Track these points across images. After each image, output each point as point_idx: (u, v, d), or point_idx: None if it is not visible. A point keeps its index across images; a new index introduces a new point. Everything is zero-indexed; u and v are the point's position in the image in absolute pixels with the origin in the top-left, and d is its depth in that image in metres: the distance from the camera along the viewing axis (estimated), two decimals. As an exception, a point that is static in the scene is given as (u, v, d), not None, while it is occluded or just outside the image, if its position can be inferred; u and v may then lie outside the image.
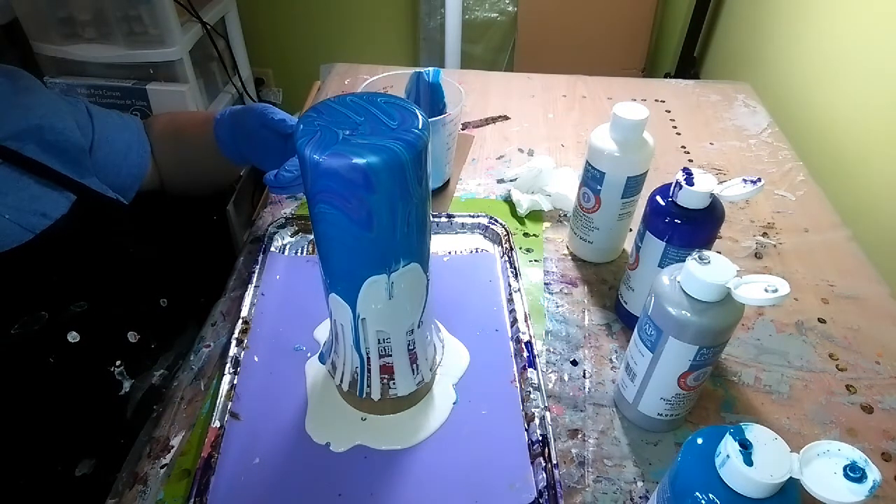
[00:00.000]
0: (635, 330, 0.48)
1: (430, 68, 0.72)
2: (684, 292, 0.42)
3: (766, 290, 0.39)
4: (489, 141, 0.86)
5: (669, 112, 0.93)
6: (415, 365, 0.49)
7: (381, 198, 0.37)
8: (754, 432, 0.33)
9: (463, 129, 0.88)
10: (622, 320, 0.60)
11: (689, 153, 0.84)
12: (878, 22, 0.81)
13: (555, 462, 0.46)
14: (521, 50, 1.67)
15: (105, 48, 1.35)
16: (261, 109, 0.61)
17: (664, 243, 0.51)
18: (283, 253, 0.66)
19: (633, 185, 0.59)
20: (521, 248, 0.68)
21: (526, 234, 0.70)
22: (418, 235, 0.42)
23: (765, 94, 0.99)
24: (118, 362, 0.56)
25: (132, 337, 0.58)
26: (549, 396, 0.53)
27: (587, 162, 0.60)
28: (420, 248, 0.44)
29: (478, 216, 0.69)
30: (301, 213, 0.71)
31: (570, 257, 0.67)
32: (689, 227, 0.50)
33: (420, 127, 0.38)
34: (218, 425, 0.49)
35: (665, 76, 1.57)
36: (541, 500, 0.45)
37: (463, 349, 0.56)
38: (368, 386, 0.49)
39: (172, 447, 0.49)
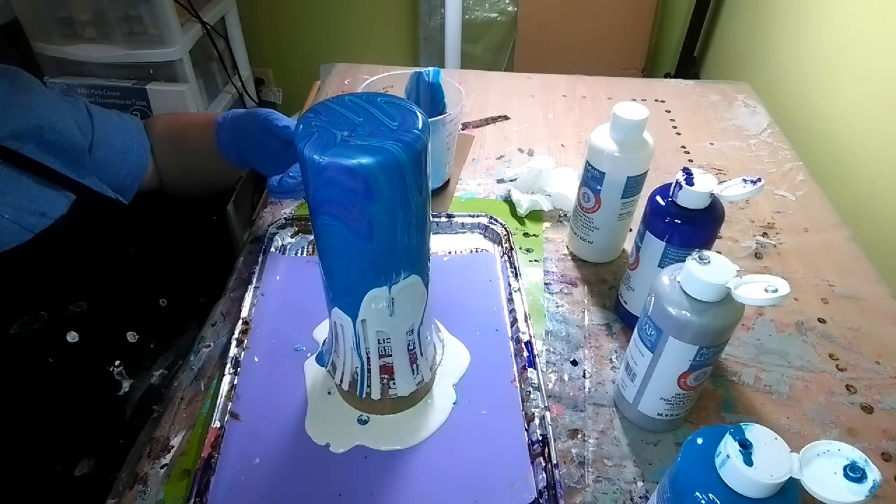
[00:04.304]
0: (635, 330, 0.48)
1: (430, 68, 0.72)
2: (684, 292, 0.42)
3: (766, 290, 0.39)
4: (489, 141, 0.86)
5: (669, 112, 0.93)
6: (415, 365, 0.49)
7: (379, 202, 0.37)
8: (754, 432, 0.33)
9: (463, 129, 0.88)
10: (622, 320, 0.60)
11: (689, 153, 0.84)
12: (878, 21, 0.81)
13: (555, 462, 0.46)
14: (521, 50, 1.67)
15: (105, 48, 1.35)
16: (265, 115, 0.60)
17: (664, 243, 0.51)
18: (283, 253, 0.66)
19: (633, 185, 0.59)
20: (521, 248, 0.68)
21: (526, 234, 0.70)
22: (418, 246, 0.42)
23: (765, 94, 0.99)
24: (117, 362, 0.56)
25: (131, 337, 0.58)
26: (549, 396, 0.53)
27: (587, 162, 0.60)
28: (420, 260, 0.44)
29: (478, 216, 0.69)
30: (301, 214, 0.71)
31: (570, 257, 0.67)
32: (689, 227, 0.50)
33: (419, 127, 0.38)
34: (218, 425, 0.49)
35: (665, 76, 1.57)
36: (541, 500, 0.45)
37: (463, 349, 0.56)
38: (368, 386, 0.49)
39: (172, 447, 0.49)
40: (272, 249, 0.66)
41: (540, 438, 0.48)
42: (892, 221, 0.76)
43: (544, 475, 0.46)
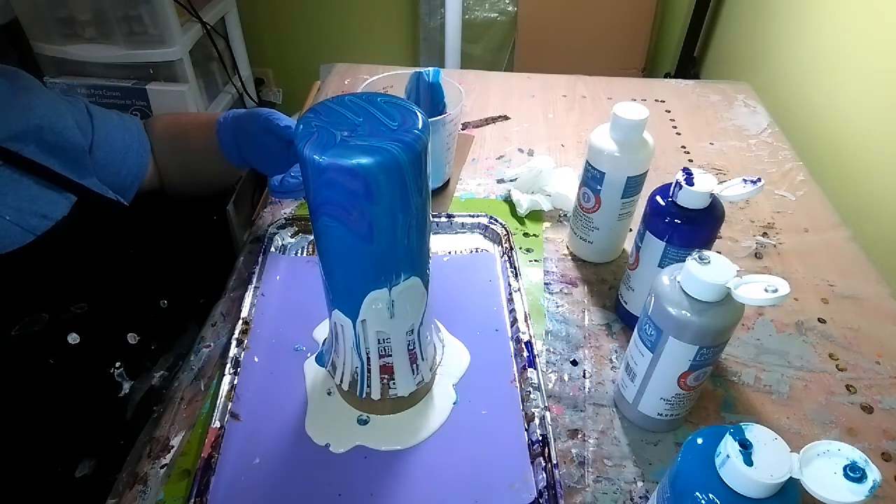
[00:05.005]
0: (635, 330, 0.48)
1: (430, 68, 0.72)
2: (684, 292, 0.42)
3: (766, 290, 0.39)
4: (489, 141, 0.86)
5: (669, 112, 0.93)
6: (415, 365, 0.49)
7: (380, 203, 0.37)
8: (754, 432, 0.33)
9: (463, 129, 0.88)
10: (622, 320, 0.60)
11: (689, 153, 0.84)
12: (878, 21, 0.81)
13: (555, 462, 0.46)
14: (521, 50, 1.67)
15: (105, 48, 1.35)
16: (266, 115, 0.60)
17: (664, 243, 0.51)
18: (283, 253, 0.66)
19: (633, 185, 0.59)
20: (521, 248, 0.68)
21: (526, 234, 0.70)
22: (418, 247, 0.43)
23: (765, 94, 0.99)
24: (118, 363, 0.56)
25: (132, 338, 0.58)
26: (549, 396, 0.53)
27: (587, 162, 0.60)
28: (420, 261, 0.44)
29: (478, 216, 0.69)
30: (301, 214, 0.71)
31: (570, 257, 0.67)
32: (689, 227, 0.50)
33: (419, 127, 0.38)
34: (218, 426, 0.49)
35: (665, 76, 1.57)
36: (541, 500, 0.45)
37: (463, 349, 0.56)
38: (368, 386, 0.49)
39: (172, 447, 0.49)
40: (272, 249, 0.66)
41: (540, 438, 0.48)
42: (892, 221, 0.76)
43: (544, 475, 0.46)
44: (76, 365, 0.53)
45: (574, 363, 0.56)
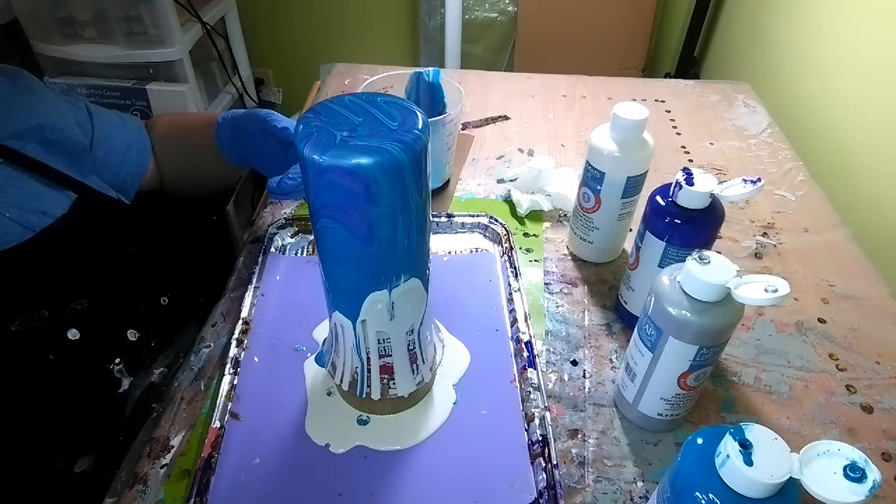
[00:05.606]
0: (635, 330, 0.48)
1: (430, 68, 0.72)
2: (684, 292, 0.42)
3: (766, 290, 0.39)
4: (489, 141, 0.86)
5: (669, 112, 0.93)
6: (415, 365, 0.49)
7: (380, 203, 0.37)
8: (754, 432, 0.33)
9: (463, 129, 0.88)
10: (622, 320, 0.60)
11: (689, 153, 0.84)
12: (878, 21, 0.81)
13: (555, 462, 0.46)
14: (521, 50, 1.67)
15: (105, 48, 1.35)
16: (264, 116, 0.60)
17: (664, 243, 0.51)
18: (283, 253, 0.66)
19: (633, 185, 0.59)
20: (521, 248, 0.68)
21: (526, 234, 0.70)
22: (419, 248, 0.43)
23: (765, 94, 0.99)
24: (118, 360, 0.56)
25: (132, 335, 0.58)
26: (549, 396, 0.53)
27: (587, 162, 0.60)
28: (420, 262, 0.44)
29: (478, 216, 0.69)
30: (301, 214, 0.71)
31: (570, 257, 0.67)
32: (689, 227, 0.50)
33: (420, 128, 0.38)
34: (218, 425, 0.49)
35: (665, 76, 1.57)
36: (541, 500, 0.45)
37: (463, 349, 0.56)
38: (368, 386, 0.49)
39: (172, 447, 0.49)
40: (272, 249, 0.66)
41: (540, 438, 0.48)
42: (892, 221, 0.76)
43: (544, 475, 0.46)
44: (76, 361, 0.53)
45: (574, 363, 0.56)
